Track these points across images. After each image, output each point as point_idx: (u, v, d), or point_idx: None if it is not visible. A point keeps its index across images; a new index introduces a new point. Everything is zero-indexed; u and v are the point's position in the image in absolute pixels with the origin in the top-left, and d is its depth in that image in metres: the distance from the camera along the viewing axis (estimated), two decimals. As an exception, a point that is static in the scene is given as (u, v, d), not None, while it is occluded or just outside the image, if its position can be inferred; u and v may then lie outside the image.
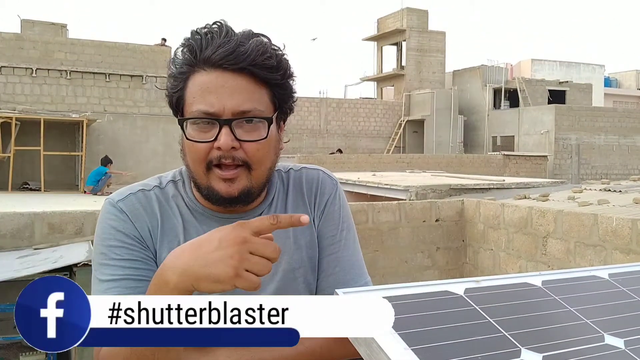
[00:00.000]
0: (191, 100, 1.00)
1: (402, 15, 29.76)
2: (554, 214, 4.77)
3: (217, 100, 0.98)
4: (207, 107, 0.98)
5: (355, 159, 20.98)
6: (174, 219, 1.07)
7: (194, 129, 1.00)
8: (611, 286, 0.94)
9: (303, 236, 1.13)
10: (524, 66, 35.42)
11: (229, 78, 0.98)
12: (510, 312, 0.81)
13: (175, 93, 1.03)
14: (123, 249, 1.02)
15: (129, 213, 1.04)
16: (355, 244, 1.18)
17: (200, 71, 1.00)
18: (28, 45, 15.23)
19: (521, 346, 0.74)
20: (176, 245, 1.00)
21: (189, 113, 1.01)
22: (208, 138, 0.99)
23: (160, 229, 1.05)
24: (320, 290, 1.13)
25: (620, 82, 42.13)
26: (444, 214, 5.91)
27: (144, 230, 1.04)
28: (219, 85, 0.98)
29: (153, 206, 1.06)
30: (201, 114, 0.99)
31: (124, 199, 1.06)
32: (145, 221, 1.05)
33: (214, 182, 1.01)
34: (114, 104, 15.74)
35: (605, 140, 25.01)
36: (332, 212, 1.16)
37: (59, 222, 4.74)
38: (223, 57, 0.97)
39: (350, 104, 28.27)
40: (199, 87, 0.99)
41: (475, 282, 0.86)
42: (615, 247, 4.16)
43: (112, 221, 1.03)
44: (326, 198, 1.16)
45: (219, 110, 0.98)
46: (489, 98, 28.55)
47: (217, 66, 0.98)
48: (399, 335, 0.72)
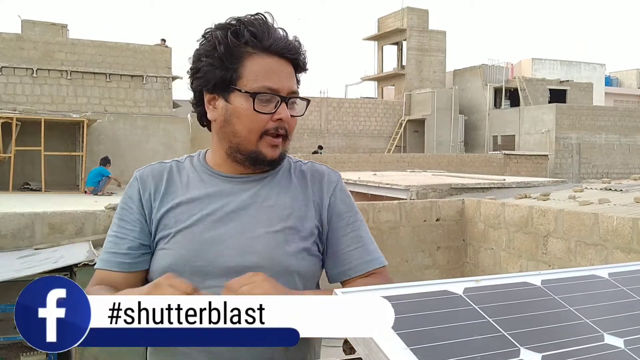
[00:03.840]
0: (254, 78, 1.16)
1: (403, 14, 29.73)
2: (555, 213, 4.77)
3: (279, 81, 1.16)
4: (272, 84, 1.16)
5: (356, 158, 20.97)
6: (178, 182, 1.24)
7: (258, 102, 1.16)
8: (611, 285, 0.94)
9: (293, 208, 1.23)
10: (525, 65, 35.38)
11: (285, 64, 1.18)
12: (509, 311, 0.81)
13: (232, 69, 1.16)
14: (124, 210, 1.23)
15: (139, 179, 1.24)
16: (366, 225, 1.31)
17: (263, 55, 1.17)
18: (29, 46, 15.23)
19: (520, 346, 0.74)
20: (175, 203, 1.20)
21: (254, 88, 1.15)
22: (268, 111, 1.16)
23: (163, 191, 1.22)
24: (346, 263, 1.23)
25: (621, 81, 42.08)
26: (445, 213, 5.90)
27: (145, 194, 1.22)
28: (279, 68, 1.17)
29: (162, 173, 1.25)
30: (267, 89, 1.15)
31: (142, 169, 1.27)
32: (150, 186, 1.23)
33: (263, 147, 1.18)
34: (114, 104, 15.74)
35: (606, 139, 24.99)
36: (343, 195, 1.29)
37: (60, 222, 4.74)
38: (284, 47, 1.17)
39: (351, 104, 28.25)
40: (262, 68, 1.16)
41: (474, 282, 0.86)
42: (616, 247, 4.16)
43: (127, 187, 1.26)
44: (334, 184, 1.29)
45: (280, 88, 1.16)
46: (490, 97, 28.52)
47: (276, 53, 1.17)
48: (397, 335, 0.72)
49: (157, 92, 16.15)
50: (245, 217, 1.18)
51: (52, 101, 15.24)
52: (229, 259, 1.14)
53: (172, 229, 1.18)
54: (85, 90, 15.54)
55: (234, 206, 1.19)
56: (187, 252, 1.15)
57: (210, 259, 1.14)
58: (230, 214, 1.18)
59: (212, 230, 1.17)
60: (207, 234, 1.16)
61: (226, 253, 1.15)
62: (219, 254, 1.15)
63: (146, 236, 1.21)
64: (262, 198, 1.21)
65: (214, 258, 1.14)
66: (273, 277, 1.12)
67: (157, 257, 1.18)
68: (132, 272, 1.19)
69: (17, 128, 13.14)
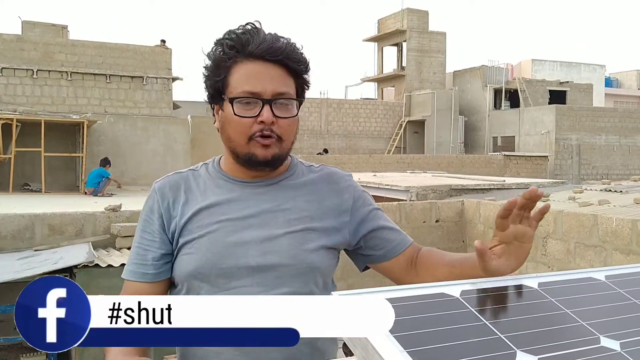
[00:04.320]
0: (236, 84, 1.21)
1: (403, 15, 29.75)
2: (554, 214, 4.77)
3: (260, 83, 1.19)
4: (251, 87, 1.19)
5: (356, 159, 20.97)
6: (196, 190, 1.28)
7: (239, 107, 1.20)
8: (608, 288, 0.95)
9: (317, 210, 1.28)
10: (525, 66, 35.39)
11: (269, 67, 1.20)
12: (506, 314, 0.81)
13: (219, 80, 1.22)
14: (146, 222, 1.28)
15: (158, 191, 1.29)
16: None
17: (245, 62, 1.20)
18: (29, 47, 15.22)
19: (516, 348, 0.74)
20: (195, 210, 1.24)
21: (236, 94, 1.20)
22: (252, 114, 1.20)
23: (183, 200, 1.27)
24: (389, 242, 1.32)
25: (621, 82, 42.09)
26: (444, 214, 5.91)
27: (164, 204, 1.27)
28: (261, 72, 1.20)
29: (180, 183, 1.29)
30: (246, 93, 1.19)
31: (160, 181, 1.32)
32: (168, 196, 1.27)
33: (254, 148, 1.21)
34: (114, 105, 15.73)
35: (606, 140, 24.99)
36: (362, 194, 1.36)
37: (59, 223, 4.75)
38: (265, 50, 1.19)
39: (351, 105, 28.26)
40: (244, 74, 1.20)
41: (471, 284, 0.86)
42: (616, 248, 4.16)
43: (147, 199, 1.31)
44: (352, 187, 1.35)
45: (261, 91, 1.19)
46: (490, 98, 28.53)
47: (259, 58, 1.20)
48: (394, 338, 0.72)
49: (157, 93, 16.14)
50: (265, 220, 1.23)
51: (52, 102, 15.23)
52: (252, 260, 1.20)
53: (195, 234, 1.23)
54: (86, 91, 15.53)
55: (253, 210, 1.24)
56: (212, 255, 1.20)
57: (234, 261, 1.19)
58: (249, 218, 1.23)
59: (234, 233, 1.22)
60: (231, 238, 1.21)
61: (250, 254, 1.20)
62: (243, 255, 1.20)
63: (167, 246, 1.26)
64: (279, 202, 1.26)
65: (237, 260, 1.19)
66: (297, 274, 1.21)
67: (182, 261, 1.23)
68: (156, 282, 1.26)
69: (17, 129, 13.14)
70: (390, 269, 1.33)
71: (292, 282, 1.20)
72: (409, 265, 1.32)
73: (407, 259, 1.32)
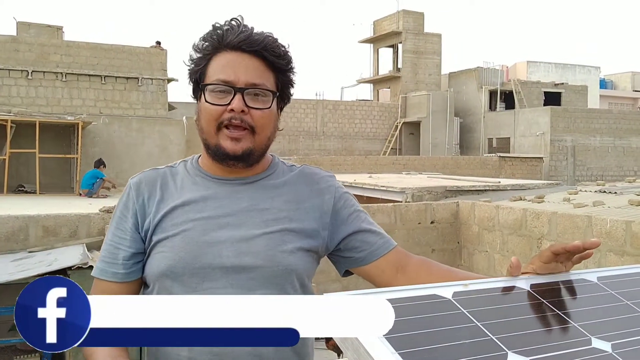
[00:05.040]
0: (212, 73, 1.20)
1: (398, 17, 29.79)
2: (548, 215, 4.78)
3: (234, 72, 1.18)
4: (225, 76, 1.18)
5: (351, 160, 20.98)
6: (172, 187, 1.26)
7: (212, 95, 1.19)
8: (600, 289, 0.95)
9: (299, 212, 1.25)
10: (520, 68, 35.49)
11: (246, 57, 1.19)
12: (497, 315, 0.81)
13: (199, 69, 1.22)
14: (119, 218, 1.25)
15: (133, 187, 1.26)
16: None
17: (223, 52, 1.20)
18: (24, 48, 15.18)
19: (508, 350, 0.74)
20: (170, 207, 1.21)
21: (209, 82, 1.20)
22: (223, 102, 1.18)
23: (158, 197, 1.24)
24: (370, 246, 1.27)
25: (615, 83, 42.25)
26: (439, 216, 5.91)
27: (139, 200, 1.24)
28: (236, 61, 1.19)
29: (156, 180, 1.26)
30: (219, 81, 1.19)
31: (136, 177, 1.29)
32: (144, 192, 1.25)
33: (222, 140, 1.19)
34: (109, 106, 15.69)
35: (600, 141, 25.08)
36: (344, 196, 1.32)
37: (54, 225, 4.73)
38: (242, 40, 1.19)
39: (347, 106, 28.27)
40: (220, 63, 1.20)
41: (463, 286, 0.86)
42: (610, 249, 4.17)
43: (122, 195, 1.28)
44: (333, 187, 1.32)
45: (234, 80, 1.18)
46: (485, 100, 28.59)
47: (236, 48, 1.19)
48: (386, 340, 0.72)
49: (153, 94, 16.11)
50: (241, 219, 1.20)
51: (47, 103, 15.19)
52: (227, 260, 1.16)
53: (169, 232, 1.19)
54: (81, 93, 15.49)
55: (230, 209, 1.21)
56: (185, 254, 1.16)
57: (208, 261, 1.16)
58: (226, 217, 1.20)
59: (209, 232, 1.18)
60: (205, 237, 1.18)
61: (224, 254, 1.16)
62: (217, 255, 1.16)
63: (138, 244, 1.23)
64: (256, 201, 1.23)
65: (212, 260, 1.16)
66: (272, 276, 1.17)
67: (155, 260, 1.19)
68: (126, 282, 1.22)
69: (11, 130, 13.09)
70: (371, 273, 1.27)
71: (268, 284, 1.17)
72: (393, 272, 1.26)
73: (390, 264, 1.26)
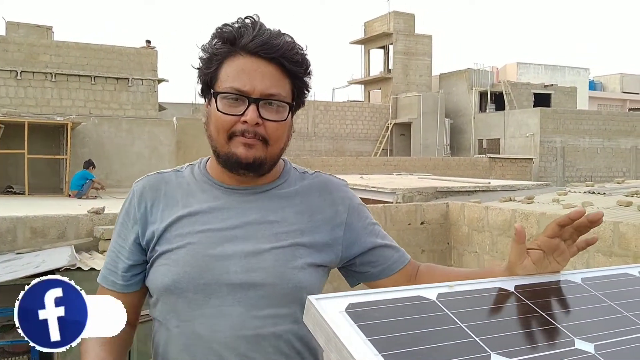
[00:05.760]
0: (225, 79, 1.12)
1: (389, 18, 29.86)
2: (537, 216, 4.81)
3: (249, 81, 1.10)
4: (239, 85, 1.10)
5: (342, 161, 21.01)
6: (178, 194, 1.19)
7: (224, 103, 1.12)
8: (584, 290, 0.95)
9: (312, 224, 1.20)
10: (510, 69, 35.66)
11: (262, 64, 1.11)
12: (481, 317, 0.81)
13: (209, 72, 1.14)
14: (121, 225, 1.21)
15: (136, 194, 1.20)
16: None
17: (237, 56, 1.12)
18: (13, 48, 15.08)
19: (491, 351, 0.74)
20: (175, 217, 1.15)
21: (222, 89, 1.12)
22: (236, 112, 1.11)
23: (163, 205, 1.18)
24: (384, 261, 1.25)
25: (604, 85, 42.56)
26: (429, 216, 5.93)
27: (141, 208, 1.18)
28: (252, 68, 1.11)
29: (160, 185, 1.20)
30: (234, 90, 1.11)
31: (139, 181, 1.23)
32: (147, 199, 1.19)
33: (234, 147, 1.12)
34: (99, 107, 15.62)
35: (589, 142, 25.26)
36: (359, 208, 1.28)
37: (42, 226, 4.70)
38: (259, 45, 1.10)
39: (338, 107, 28.30)
40: (234, 68, 1.11)
41: (448, 287, 0.86)
42: (598, 250, 4.20)
43: (125, 201, 1.23)
44: (348, 200, 1.26)
45: (249, 90, 1.10)
46: (475, 101, 28.72)
47: (252, 53, 1.11)
48: (369, 342, 0.72)
49: (143, 94, 16.05)
50: (250, 232, 1.14)
51: (36, 104, 15.10)
52: (234, 277, 1.10)
53: (173, 244, 1.13)
54: (70, 93, 15.41)
55: (238, 221, 1.14)
56: (191, 269, 1.10)
57: (215, 277, 1.10)
58: (234, 229, 1.14)
59: (216, 246, 1.12)
60: (212, 251, 1.11)
61: (231, 270, 1.10)
62: (224, 271, 1.10)
63: (137, 256, 1.18)
64: (267, 212, 1.16)
65: (218, 275, 1.10)
66: (281, 294, 1.11)
67: (159, 272, 1.13)
68: (125, 293, 1.18)
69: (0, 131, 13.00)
70: (384, 285, 1.22)
71: (276, 301, 1.11)
72: (406, 283, 1.23)
73: (404, 277, 1.24)
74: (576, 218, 0.93)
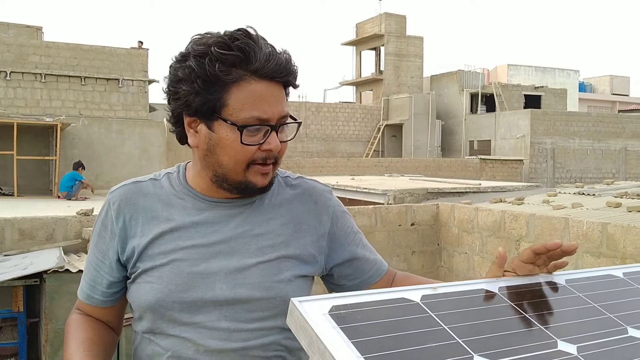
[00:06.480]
0: (240, 107, 1.05)
1: (381, 20, 29.93)
2: (526, 217, 4.82)
3: (270, 108, 1.07)
4: (260, 114, 1.06)
5: (334, 162, 21.01)
6: (158, 207, 1.15)
7: (245, 134, 1.06)
8: (568, 292, 0.95)
9: (297, 236, 1.18)
10: (501, 71, 35.84)
11: (275, 88, 1.08)
12: (465, 319, 0.81)
13: (215, 98, 1.06)
14: (98, 237, 1.17)
15: (113, 206, 1.15)
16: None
17: (249, 80, 1.05)
18: (2, 48, 14.97)
19: (474, 353, 0.74)
20: (157, 233, 1.12)
21: (242, 119, 1.06)
22: (256, 141, 1.07)
23: (142, 219, 1.14)
24: (364, 273, 1.24)
25: (594, 87, 42.86)
26: (420, 218, 5.94)
27: (119, 222, 1.14)
28: (268, 93, 1.07)
29: (137, 200, 1.15)
30: (255, 120, 1.06)
31: (115, 191, 1.18)
32: (124, 214, 1.14)
33: (252, 176, 1.10)
34: (89, 108, 15.54)
35: (579, 144, 25.41)
36: (343, 216, 1.26)
37: (30, 228, 4.66)
38: (275, 70, 1.06)
39: (330, 108, 28.32)
40: (248, 95, 1.05)
41: (431, 289, 0.86)
42: (586, 251, 4.22)
43: (101, 212, 1.19)
44: (332, 207, 1.24)
45: (271, 117, 1.07)
46: (466, 103, 28.82)
47: (267, 77, 1.06)
48: (352, 344, 0.71)
49: (133, 95, 15.99)
50: (235, 246, 1.12)
51: (25, 104, 15.00)
52: (219, 293, 1.08)
53: (156, 261, 1.10)
54: (60, 94, 15.32)
55: (222, 236, 1.12)
56: (175, 286, 1.08)
57: (200, 294, 1.08)
58: (218, 245, 1.11)
59: (200, 262, 1.10)
60: (196, 268, 1.09)
61: (217, 287, 1.09)
62: (210, 288, 1.08)
63: (116, 273, 1.15)
64: (251, 225, 1.14)
65: (204, 293, 1.08)
66: (269, 307, 1.11)
67: (143, 290, 1.11)
68: (105, 308, 1.19)
69: (-11, 132, 12.92)
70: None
71: (263, 315, 1.10)
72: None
73: (381, 286, 1.23)
74: (552, 249, 0.95)
